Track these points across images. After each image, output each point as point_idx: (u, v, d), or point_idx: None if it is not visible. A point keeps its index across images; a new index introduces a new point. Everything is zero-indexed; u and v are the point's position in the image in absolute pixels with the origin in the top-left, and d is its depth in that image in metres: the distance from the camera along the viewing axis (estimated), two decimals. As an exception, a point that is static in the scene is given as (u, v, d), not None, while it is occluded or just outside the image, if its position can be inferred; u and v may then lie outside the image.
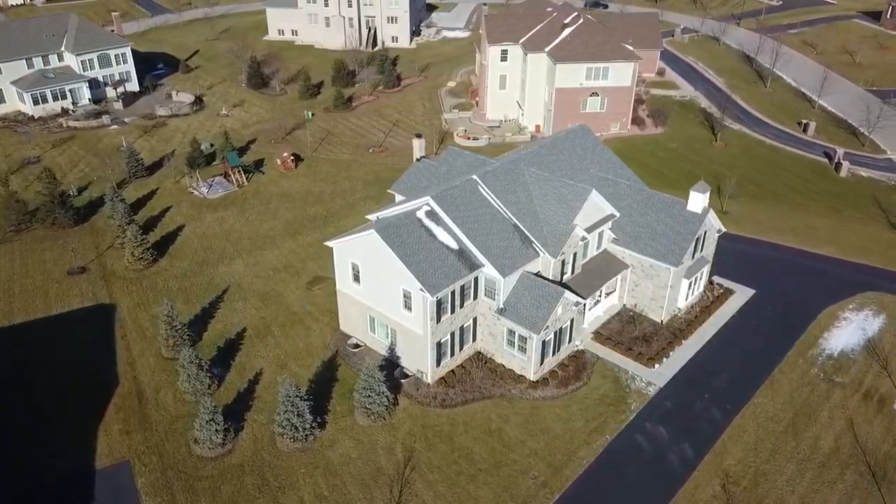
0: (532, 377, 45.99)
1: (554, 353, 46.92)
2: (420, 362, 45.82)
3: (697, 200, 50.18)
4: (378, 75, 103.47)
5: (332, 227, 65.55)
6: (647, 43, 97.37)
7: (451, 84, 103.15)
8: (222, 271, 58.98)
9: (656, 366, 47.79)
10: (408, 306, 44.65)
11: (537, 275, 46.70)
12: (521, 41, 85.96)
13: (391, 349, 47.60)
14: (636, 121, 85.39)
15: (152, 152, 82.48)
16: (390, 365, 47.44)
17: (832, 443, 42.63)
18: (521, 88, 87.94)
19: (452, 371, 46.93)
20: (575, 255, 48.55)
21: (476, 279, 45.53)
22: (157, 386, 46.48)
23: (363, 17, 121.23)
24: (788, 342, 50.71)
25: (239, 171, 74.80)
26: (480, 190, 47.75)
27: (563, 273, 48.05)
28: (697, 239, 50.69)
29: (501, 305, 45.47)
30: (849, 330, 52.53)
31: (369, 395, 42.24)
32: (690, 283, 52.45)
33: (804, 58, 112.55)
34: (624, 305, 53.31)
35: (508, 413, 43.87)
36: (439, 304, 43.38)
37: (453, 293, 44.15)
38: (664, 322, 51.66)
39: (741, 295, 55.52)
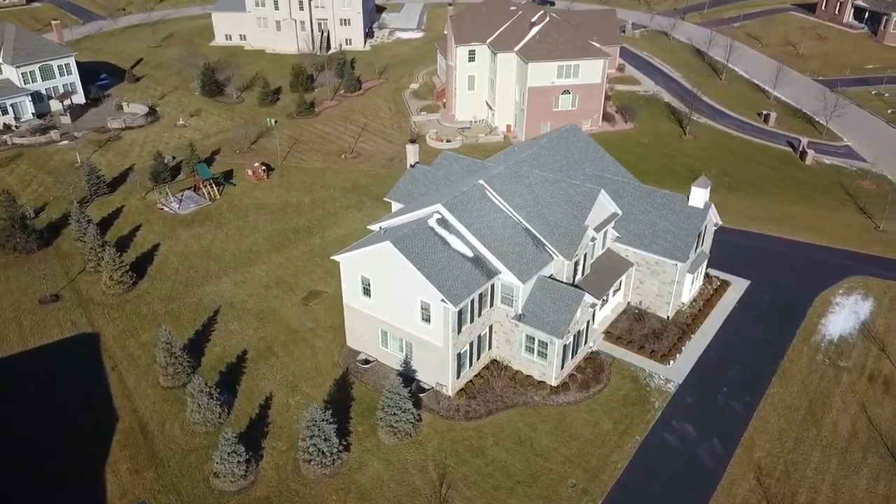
0: (553, 382, 45.38)
1: (572, 357, 46.47)
2: (440, 375, 44.55)
3: (699, 195, 50.62)
4: (338, 79, 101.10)
5: (317, 239, 63.43)
6: (607, 39, 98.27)
7: (415, 86, 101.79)
8: (210, 291, 56.12)
9: (671, 362, 47.94)
10: (426, 318, 43.31)
11: (550, 278, 46.13)
12: (488, 41, 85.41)
13: (406, 363, 46.15)
14: (606, 117, 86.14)
15: (110, 167, 78.12)
16: (406, 379, 45.96)
17: (849, 427, 43.60)
18: (490, 88, 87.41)
19: (471, 381, 45.89)
20: (585, 255, 48.19)
21: (492, 286, 44.60)
22: (160, 418, 43.66)
23: (315, 20, 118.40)
24: (790, 330, 51.76)
25: (210, 184, 71.57)
26: (488, 195, 46.79)
27: (574, 275, 47.61)
28: (699, 234, 51.15)
29: (520, 312, 44.67)
30: (843, 315, 54.04)
31: (395, 414, 40.74)
32: (693, 278, 52.95)
33: (751, 50, 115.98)
34: (629, 303, 53.37)
35: (535, 421, 43.12)
36: (460, 314, 42.24)
37: (472, 302, 43.10)
38: (670, 318, 51.95)
39: (737, 286, 56.42)
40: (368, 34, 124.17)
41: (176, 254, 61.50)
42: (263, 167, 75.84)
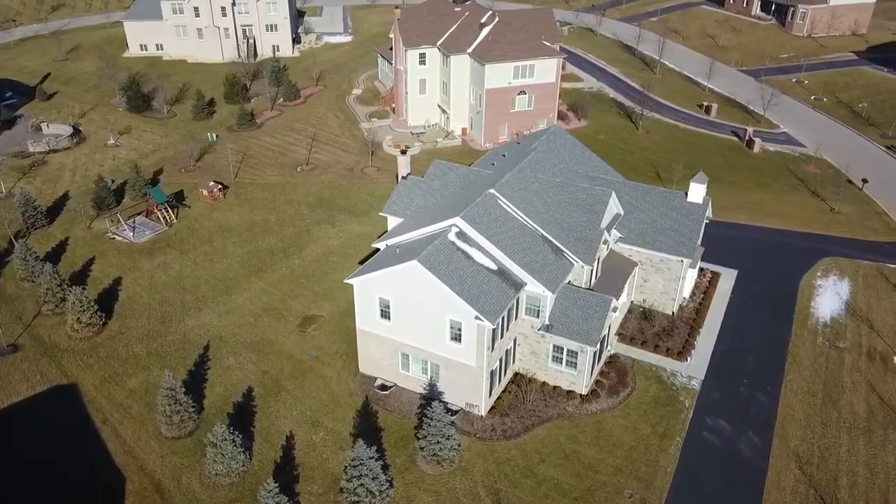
0: (584, 391, 44.56)
1: (597, 363, 45.84)
2: (471, 395, 42.73)
3: (698, 191, 51.22)
4: (274, 88, 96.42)
5: (295, 259, 59.87)
6: (547, 38, 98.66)
7: (357, 91, 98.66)
8: (193, 325, 51.66)
9: (688, 359, 48.22)
10: (456, 337, 41.37)
11: (569, 284, 45.24)
12: (438, 43, 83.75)
13: (431, 385, 44.02)
14: (560, 116, 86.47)
15: (42, 196, 70.88)
16: (429, 402, 43.80)
17: (864, 406, 45.23)
18: (442, 92, 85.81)
19: (499, 398, 44.36)
20: (599, 259, 47.67)
21: (517, 298, 43.21)
22: (174, 473, 39.54)
23: (239, 27, 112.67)
24: (787, 316, 53.34)
25: (165, 208, 66.21)
26: (501, 204, 45.34)
27: (591, 279, 46.97)
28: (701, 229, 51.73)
29: (547, 322, 43.51)
30: (828, 297, 56.29)
31: (438, 442, 38.62)
32: (693, 272, 53.59)
33: (675, 44, 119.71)
34: (632, 302, 53.36)
35: (574, 432, 42.13)
36: (494, 331, 40.60)
37: (503, 317, 41.57)
38: (675, 314, 52.35)
39: (728, 276, 57.69)
40: (295, 40, 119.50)
41: (143, 287, 56.35)
42: (220, 186, 71.03)
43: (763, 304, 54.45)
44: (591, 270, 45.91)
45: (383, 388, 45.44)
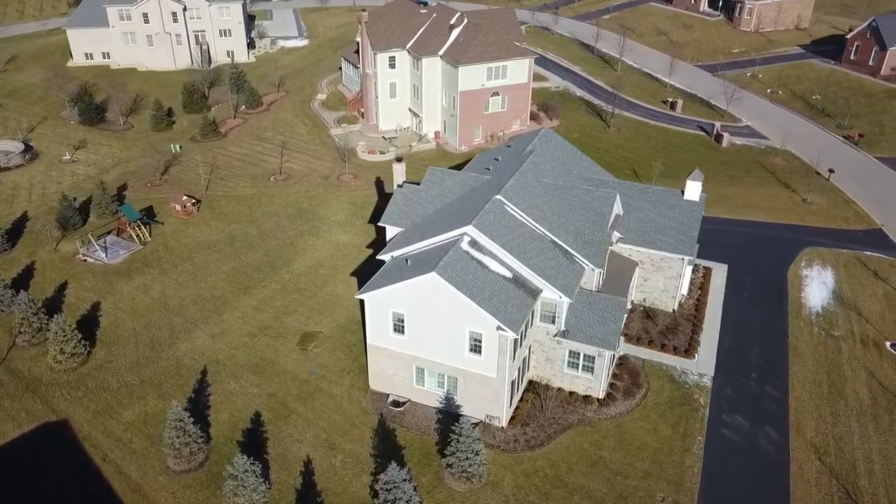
0: (601, 395, 44.25)
1: (611, 365, 45.62)
2: (491, 407, 41.85)
3: (695, 188, 51.61)
4: (235, 95, 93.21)
5: (284, 274, 57.76)
6: (511, 38, 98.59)
7: (321, 97, 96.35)
8: (185, 350, 49.13)
9: (696, 356, 48.54)
10: (475, 349, 40.43)
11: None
12: (408, 46, 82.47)
13: (448, 399, 42.93)
14: (532, 116, 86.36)
15: (-3, 218, 66.64)
16: (447, 416, 42.84)
17: (867, 393, 46.37)
18: (413, 95, 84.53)
19: (517, 407, 43.62)
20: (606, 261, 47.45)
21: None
22: (189, 510, 37.41)
23: (192, 33, 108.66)
24: (781, 308, 54.36)
25: (138, 226, 62.97)
26: (509, 210, 44.58)
27: (599, 282, 46.70)
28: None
29: (563, 328, 42.98)
30: (815, 287, 57.67)
31: (467, 458, 37.60)
32: (690, 269, 54.06)
33: (632, 42, 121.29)
34: (632, 302, 53.43)
35: (597, 438, 41.75)
36: (516, 340, 39.84)
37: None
38: (675, 311, 52.68)
39: (719, 271, 58.46)
40: (250, 45, 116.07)
41: (125, 311, 53.35)
42: (193, 200, 68.05)
43: (757, 297, 55.36)
44: (601, 273, 45.65)
45: (396, 404, 44.11)
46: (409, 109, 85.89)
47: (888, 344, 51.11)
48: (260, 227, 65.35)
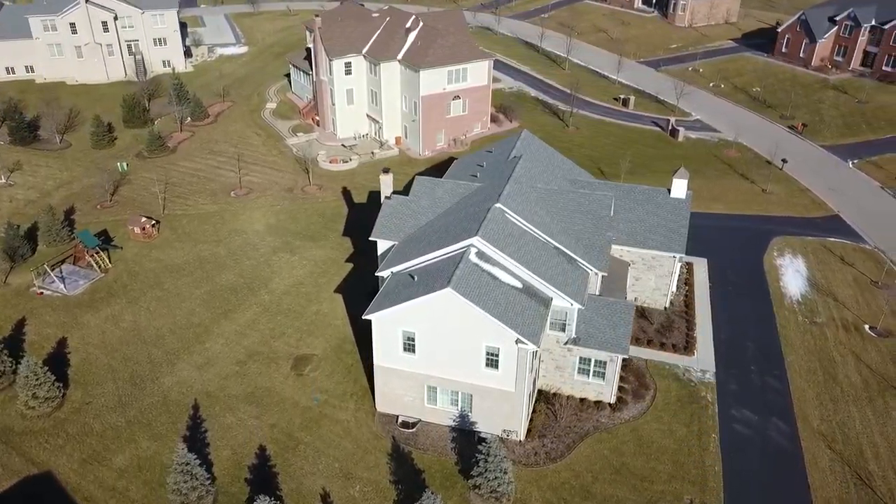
0: (612, 400, 43.93)
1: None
2: (509, 421, 40.84)
3: (681, 186, 52.05)
4: (179, 107, 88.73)
5: (264, 295, 55.06)
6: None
7: (271, 105, 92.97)
8: (171, 384, 45.96)
9: (695, 353, 48.95)
10: (492, 364, 39.33)
11: (584, 294, 44.45)
12: (363, 51, 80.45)
13: (462, 416, 41.67)
14: (492, 118, 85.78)
15: (-67, 252, 60.88)
16: (461, 434, 41.62)
17: (859, 377, 47.83)
18: (371, 101, 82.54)
19: (531, 419, 42.78)
20: (605, 264, 47.20)
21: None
22: (204, 559, 34.79)
23: (124, 43, 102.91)
24: (765, 298, 55.59)
25: (97, 253, 58.79)
26: (510, 218, 43.62)
27: (599, 286, 46.40)
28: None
29: (574, 335, 42.39)
30: (790, 275, 59.32)
31: (496, 477, 36.48)
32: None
33: (575, 40, 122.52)
34: (624, 302, 53.49)
35: (616, 444, 41.37)
36: (534, 352, 38.97)
37: (536, 336, 40.01)
38: (667, 309, 53.05)
39: (700, 265, 59.31)
40: (186, 53, 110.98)
41: (96, 346, 49.57)
42: (153, 222, 64.13)
43: (740, 290, 56.44)
44: (604, 277, 45.34)
45: (406, 425, 42.53)
46: (367, 116, 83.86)
47: (867, 327, 52.96)
48: (228, 245, 62.18)
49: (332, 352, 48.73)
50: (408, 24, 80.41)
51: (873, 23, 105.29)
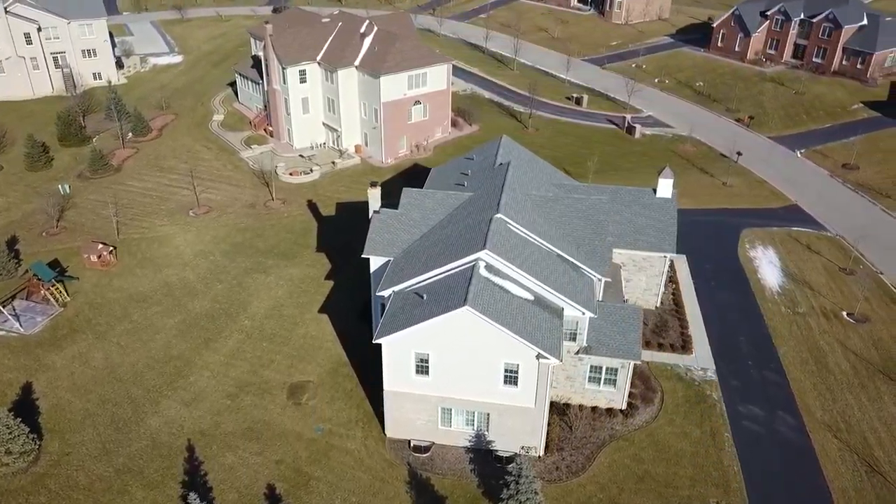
0: (623, 406, 43.50)
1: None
2: (528, 438, 39.77)
3: (667, 186, 52.21)
4: (119, 122, 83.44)
5: (245, 321, 52.10)
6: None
7: (219, 117, 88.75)
8: (158, 424, 42.67)
9: (693, 352, 49.18)
10: (511, 381, 38.15)
11: (587, 300, 43.84)
12: (318, 58, 77.74)
13: (478, 436, 40.31)
14: (452, 122, 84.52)
15: None
16: (478, 454, 40.31)
17: (847, 364, 49.13)
18: (328, 109, 79.85)
19: (546, 433, 41.82)
20: (603, 269, 46.74)
21: (554, 325, 40.90)
22: None
23: (49, 55, 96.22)
24: (747, 291, 56.54)
25: (54, 286, 54.29)
26: (512, 228, 42.48)
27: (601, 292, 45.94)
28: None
29: (585, 344, 41.70)
30: (766, 266, 60.65)
31: (529, 499, 35.32)
32: (665, 265, 54.82)
33: (518, 40, 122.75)
34: (616, 304, 53.33)
35: (634, 451, 40.93)
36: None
37: (552, 349, 39.06)
38: (658, 308, 53.19)
39: (680, 261, 59.74)
40: (118, 64, 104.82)
41: (66, 389, 45.59)
42: (110, 248, 59.82)
43: (723, 284, 57.23)
44: (606, 283, 44.87)
45: (418, 449, 40.84)
46: (324, 124, 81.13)
47: (845, 314, 54.58)
48: (196, 269, 58.67)
49: (328, 377, 46.45)
50: (362, 30, 78.17)
51: (802, 16, 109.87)
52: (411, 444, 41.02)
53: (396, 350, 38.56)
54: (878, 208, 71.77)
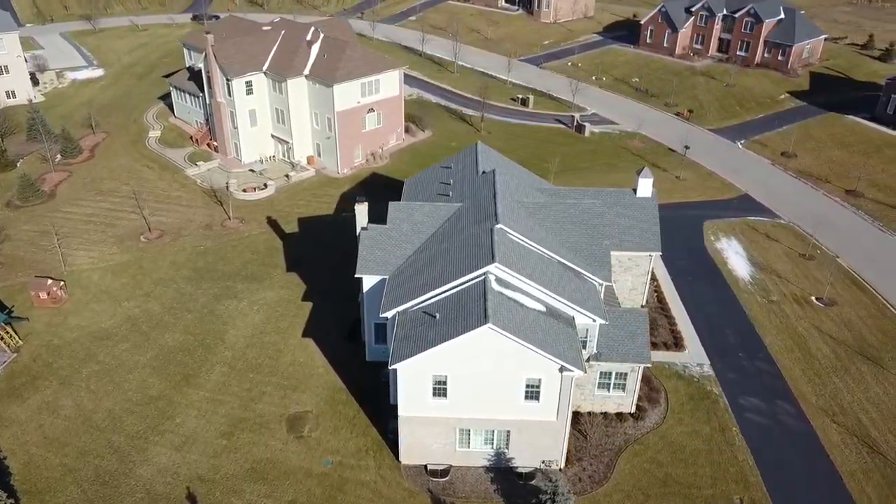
0: (632, 409, 43.39)
1: (631, 377, 44.98)
2: (549, 451, 39.01)
3: (646, 186, 52.48)
4: (45, 143, 77.24)
5: (225, 352, 48.95)
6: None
7: (156, 133, 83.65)
8: (150, 474, 39.28)
9: (686, 348, 49.77)
10: (532, 396, 37.23)
11: (589, 306, 43.48)
12: (264, 68, 74.41)
13: (497, 455, 39.19)
14: (405, 128, 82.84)
15: None
16: (498, 473, 39.23)
17: (827, 349, 50.90)
18: (277, 121, 76.59)
19: (562, 443, 41.23)
20: (599, 273, 46.49)
21: (564, 335, 40.24)
22: None
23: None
24: (721, 283, 57.85)
25: (3, 329, 49.33)
26: (513, 239, 41.55)
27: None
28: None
29: (595, 350, 41.27)
30: (733, 257, 62.29)
31: (564, 516, 34.58)
32: (647, 263, 55.26)
33: (453, 42, 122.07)
34: (603, 305, 53.36)
35: (651, 455, 40.86)
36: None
37: (568, 359, 38.39)
38: (643, 306, 53.54)
39: (655, 258, 60.49)
40: (32, 80, 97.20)
41: (37, 444, 41.37)
42: (61, 283, 55.03)
43: (698, 278, 58.36)
44: (605, 287, 44.65)
45: (436, 473, 39.34)
46: (273, 136, 77.82)
47: (814, 299, 56.70)
48: (160, 299, 54.80)
49: (327, 405, 44.17)
50: (308, 37, 75.32)
51: (725, 12, 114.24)
52: (428, 469, 39.49)
53: (412, 374, 36.91)
54: (821, 193, 75.21)
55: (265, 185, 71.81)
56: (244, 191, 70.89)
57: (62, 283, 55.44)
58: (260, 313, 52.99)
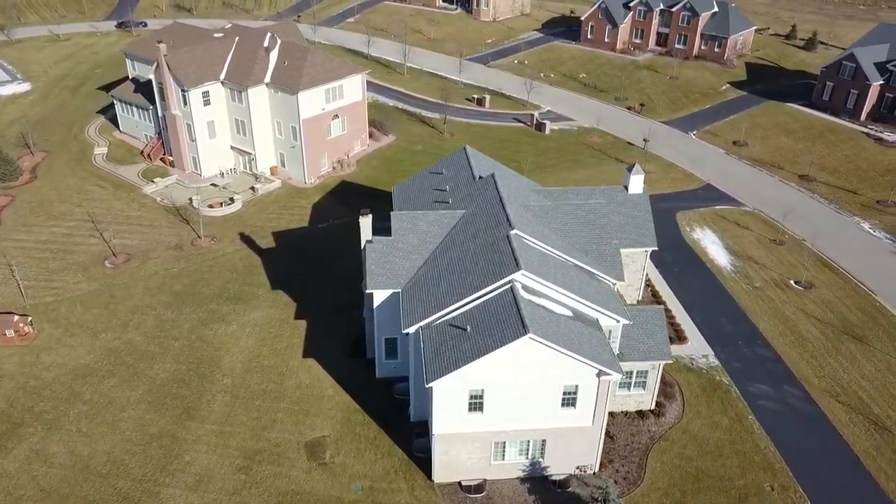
0: (652, 406, 43.62)
1: (646, 374, 45.19)
2: (584, 457, 38.67)
3: (638, 182, 52.91)
4: (-21, 167, 71.57)
5: (225, 380, 46.32)
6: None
7: (102, 150, 78.58)
8: (168, 519, 36.67)
9: (689, 341, 50.50)
10: (569, 403, 36.75)
11: (603, 306, 43.43)
12: (221, 78, 71.07)
13: (532, 464, 38.55)
14: (368, 134, 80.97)
15: None
16: (534, 482, 38.63)
17: (816, 331, 52.79)
18: (237, 131, 73.32)
19: (591, 446, 40.98)
20: (606, 272, 46.51)
21: (589, 338, 39.98)
22: None
23: None
24: (707, 272, 59.18)
25: (-28, 374, 45.16)
26: (529, 244, 40.96)
27: (609, 294, 45.67)
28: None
29: (618, 351, 41.18)
30: (711, 246, 63.82)
31: (615, 522, 34.29)
32: (639, 258, 55.76)
33: (398, 43, 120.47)
34: (600, 303, 53.53)
35: (679, 450, 41.16)
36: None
37: (598, 362, 38.12)
38: (639, 302, 54.07)
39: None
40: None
41: (35, 499, 37.86)
42: (28, 319, 50.76)
43: (684, 270, 59.44)
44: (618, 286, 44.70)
45: (470, 489, 38.38)
46: (233, 148, 74.50)
47: (793, 282, 58.77)
48: (140, 328, 51.42)
49: (344, 427, 42.41)
50: (266, 43, 72.40)
51: (662, 6, 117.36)
52: (462, 485, 38.46)
53: (449, 390, 35.77)
54: (776, 179, 78.21)
55: (231, 200, 68.66)
56: (210, 206, 67.52)
57: (29, 317, 51.23)
58: (252, 336, 50.45)
